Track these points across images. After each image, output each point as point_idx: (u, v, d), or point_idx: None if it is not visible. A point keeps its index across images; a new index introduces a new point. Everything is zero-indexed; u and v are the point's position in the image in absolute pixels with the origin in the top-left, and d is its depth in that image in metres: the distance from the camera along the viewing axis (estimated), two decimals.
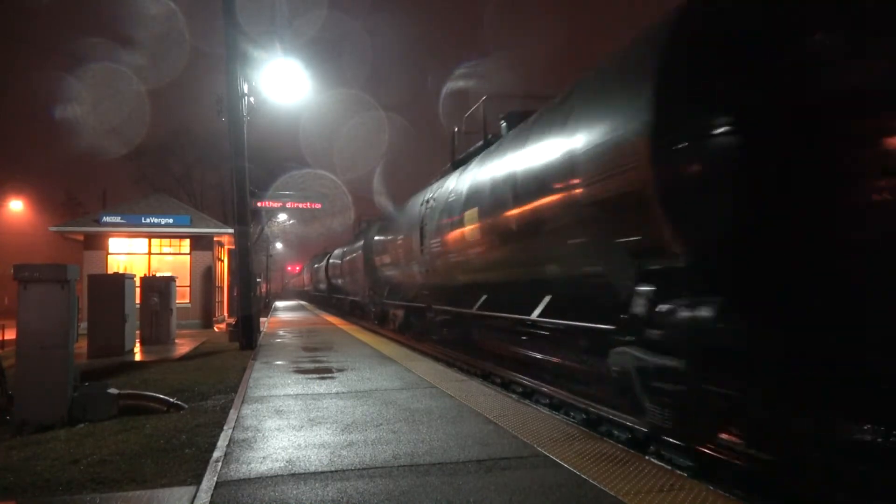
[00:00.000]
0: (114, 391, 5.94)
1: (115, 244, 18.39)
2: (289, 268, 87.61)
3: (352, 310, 26.18)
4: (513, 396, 6.27)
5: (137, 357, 10.97)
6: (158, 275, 16.35)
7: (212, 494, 3.28)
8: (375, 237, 17.82)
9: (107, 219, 18.16)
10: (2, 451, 4.60)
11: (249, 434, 4.60)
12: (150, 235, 18.58)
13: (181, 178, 34.75)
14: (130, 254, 18.57)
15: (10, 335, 12.01)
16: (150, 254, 18.76)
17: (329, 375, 7.60)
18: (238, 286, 12.94)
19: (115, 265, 17.81)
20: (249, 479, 3.53)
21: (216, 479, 3.52)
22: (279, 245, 52.69)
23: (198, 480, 3.64)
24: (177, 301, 14.28)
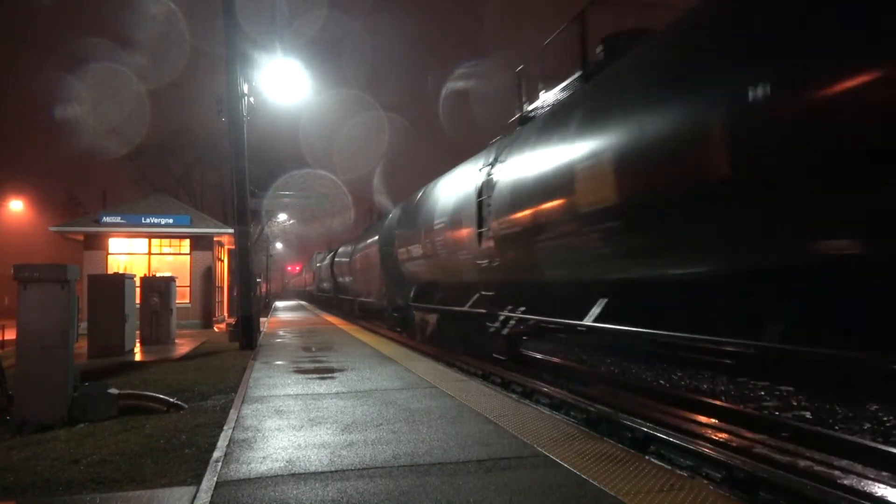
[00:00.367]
0: (114, 391, 5.94)
1: (115, 244, 18.40)
2: (289, 268, 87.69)
3: (362, 313, 24.05)
4: (513, 396, 6.27)
5: (137, 357, 10.97)
6: (158, 275, 16.35)
7: (212, 494, 3.28)
8: (398, 226, 14.93)
9: (107, 219, 18.17)
10: (2, 451, 4.60)
11: (249, 434, 4.60)
12: (150, 235, 18.58)
13: (181, 178, 34.82)
14: (130, 254, 18.57)
15: (10, 335, 12.01)
16: (150, 254, 18.76)
17: (329, 375, 7.60)
18: (238, 286, 12.94)
19: (115, 265, 17.82)
20: (249, 479, 3.53)
21: (216, 479, 3.53)
22: (279, 245, 52.72)
23: (198, 480, 3.64)
24: (177, 301, 14.28)
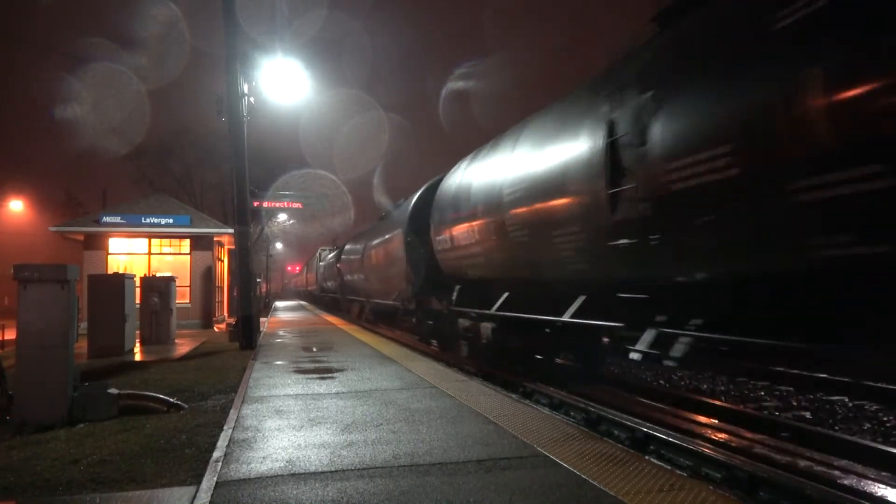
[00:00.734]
0: (114, 391, 5.94)
1: (115, 244, 18.39)
2: (289, 268, 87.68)
3: (375, 317, 20.29)
4: (513, 396, 6.27)
5: (137, 357, 10.96)
6: (158, 275, 16.35)
7: (212, 494, 3.28)
8: (433, 209, 11.67)
9: (107, 219, 18.16)
10: (2, 451, 4.60)
11: (249, 434, 4.60)
12: (150, 235, 18.58)
13: (181, 178, 34.84)
14: (130, 254, 18.57)
15: (10, 335, 12.01)
16: (150, 254, 18.75)
17: (329, 375, 7.60)
18: (238, 286, 12.94)
19: (115, 265, 17.81)
20: (249, 479, 3.53)
21: (216, 479, 3.53)
22: (279, 245, 52.72)
23: (198, 480, 3.64)
24: (177, 301, 14.28)
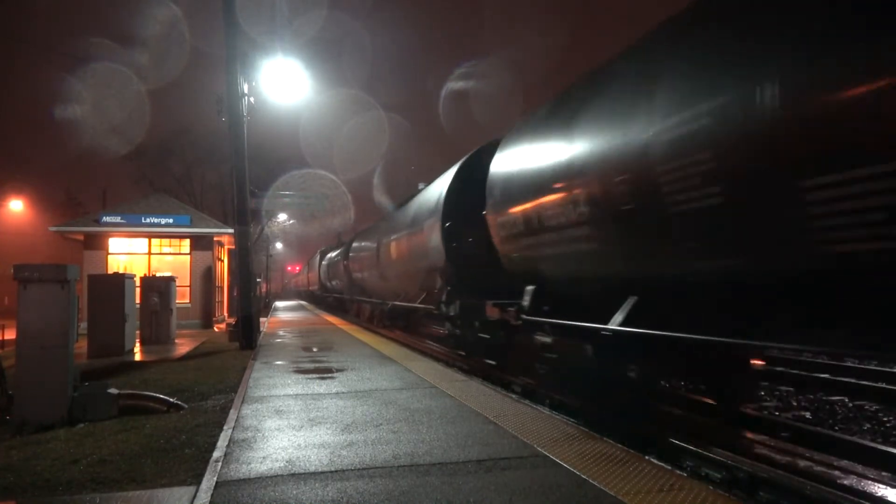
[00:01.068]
0: (114, 391, 5.94)
1: (115, 244, 18.39)
2: (289, 268, 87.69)
3: (393, 322, 17.60)
4: (513, 396, 6.27)
5: (137, 357, 10.96)
6: (158, 275, 16.35)
7: (212, 494, 3.28)
8: (495, 182, 8.24)
9: (107, 219, 18.16)
10: (2, 451, 4.60)
11: (249, 434, 4.60)
12: (150, 235, 18.58)
13: (181, 178, 34.84)
14: (130, 254, 18.57)
15: (10, 335, 12.01)
16: (150, 254, 18.75)
17: (329, 375, 7.60)
18: (238, 286, 12.94)
19: (115, 265, 17.80)
20: (249, 479, 3.53)
21: (216, 479, 3.53)
22: (279, 245, 52.72)
23: (198, 480, 3.64)
24: (177, 301, 14.28)
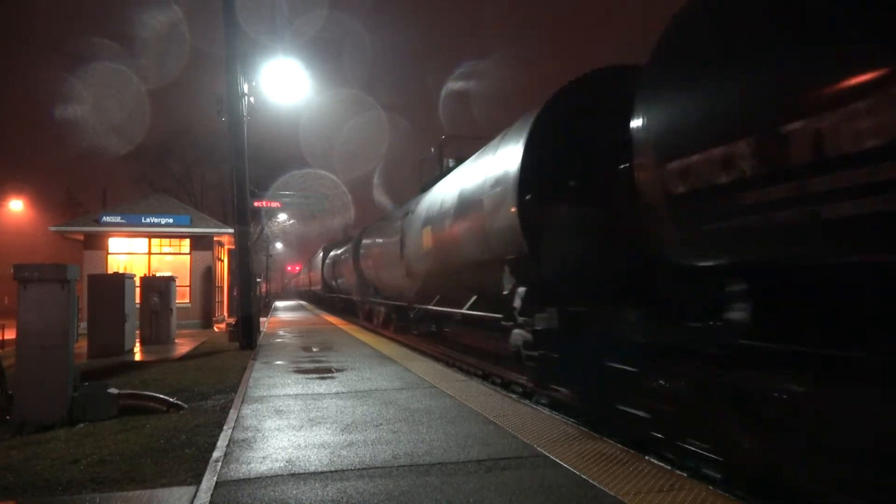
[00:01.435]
0: (114, 391, 5.94)
1: (115, 244, 18.39)
2: (289, 268, 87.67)
3: (419, 325, 13.56)
4: (513, 396, 6.27)
5: (137, 357, 10.96)
6: (158, 275, 16.35)
7: (211, 494, 3.28)
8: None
9: (107, 219, 18.16)
10: (2, 451, 4.60)
11: (249, 434, 4.60)
12: (150, 235, 18.58)
13: (181, 178, 34.82)
14: (130, 254, 18.56)
15: (10, 335, 12.01)
16: (150, 254, 18.75)
17: (329, 375, 7.60)
18: (238, 286, 12.94)
19: (115, 265, 17.80)
20: (249, 479, 3.53)
21: (216, 479, 3.53)
22: (279, 245, 52.72)
23: (198, 480, 3.64)
24: (177, 301, 14.28)
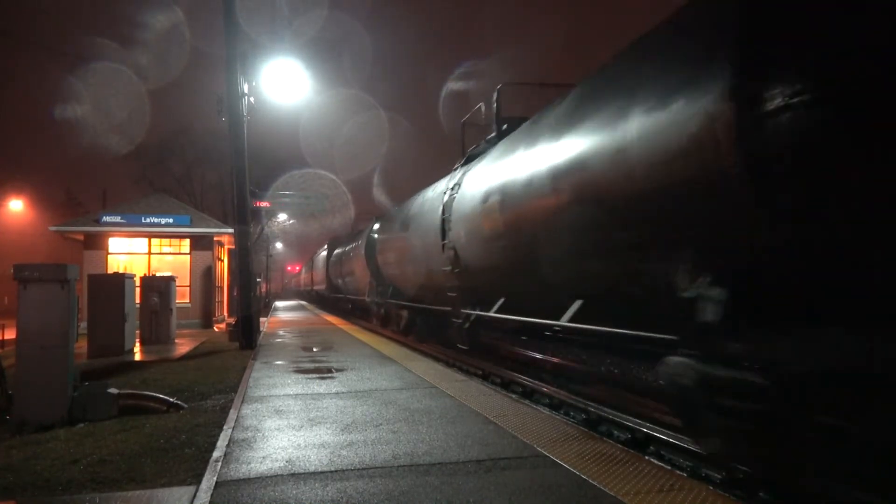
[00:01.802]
0: (114, 391, 5.94)
1: (115, 244, 18.39)
2: (289, 268, 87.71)
3: (467, 338, 9.46)
4: (513, 396, 6.27)
5: (137, 357, 10.96)
6: (158, 275, 16.34)
7: (211, 494, 3.28)
8: None
9: (107, 219, 18.16)
10: (2, 451, 4.60)
11: (249, 434, 4.60)
12: (150, 235, 18.58)
13: (181, 178, 34.86)
14: (130, 253, 18.56)
15: (10, 335, 12.01)
16: (150, 254, 18.75)
17: (329, 375, 7.60)
18: (238, 286, 12.94)
19: (115, 265, 17.80)
20: (249, 479, 3.53)
21: (216, 479, 3.52)
22: (279, 245, 52.73)
23: (197, 480, 3.64)
24: (177, 301, 14.28)
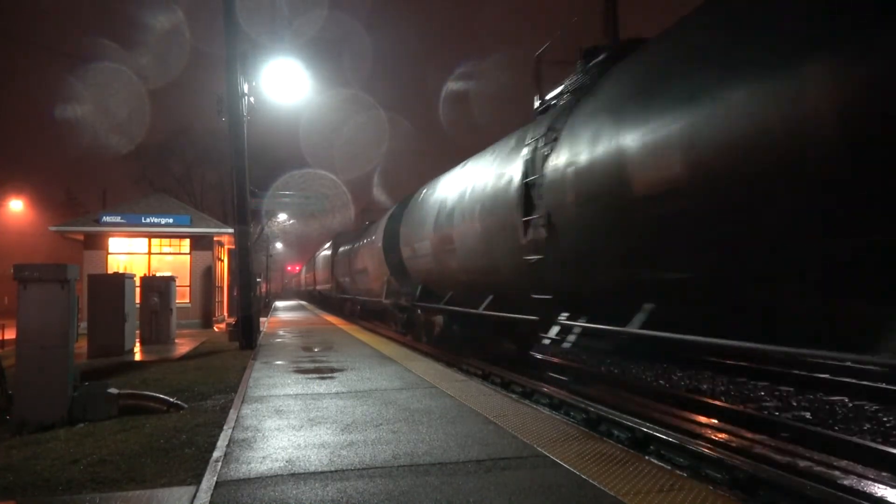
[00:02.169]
0: (114, 391, 5.94)
1: (115, 244, 18.39)
2: (289, 268, 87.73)
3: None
4: (513, 396, 6.27)
5: (137, 357, 10.96)
6: (158, 275, 16.35)
7: (211, 494, 3.28)
8: None
9: (107, 219, 18.17)
10: (2, 451, 4.60)
11: (249, 434, 4.60)
12: (150, 235, 18.58)
13: (181, 178, 34.84)
14: (130, 253, 18.56)
15: (10, 335, 12.01)
16: (150, 254, 18.75)
17: (329, 375, 7.59)
18: (238, 286, 12.94)
19: (115, 265, 17.80)
20: (249, 479, 3.53)
21: (216, 479, 3.53)
22: (279, 245, 52.71)
23: (198, 480, 3.64)
24: (177, 301, 14.27)
